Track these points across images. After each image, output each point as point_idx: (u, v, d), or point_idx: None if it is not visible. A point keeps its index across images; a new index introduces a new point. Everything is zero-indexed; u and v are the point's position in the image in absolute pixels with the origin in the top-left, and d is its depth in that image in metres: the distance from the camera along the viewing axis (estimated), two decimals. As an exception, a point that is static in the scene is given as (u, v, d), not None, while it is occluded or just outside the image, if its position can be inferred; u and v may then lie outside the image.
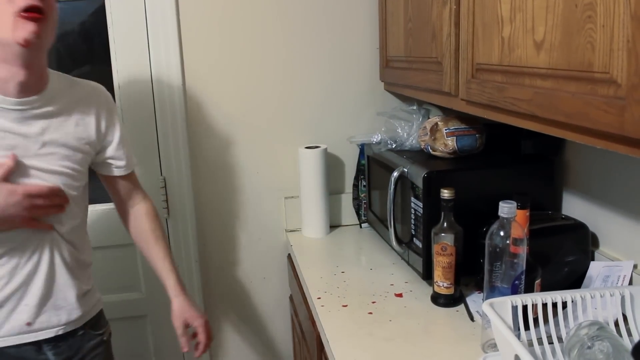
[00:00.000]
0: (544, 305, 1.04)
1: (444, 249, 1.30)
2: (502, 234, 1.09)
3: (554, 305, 1.05)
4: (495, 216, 1.10)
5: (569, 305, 1.06)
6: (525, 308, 1.03)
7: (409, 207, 1.47)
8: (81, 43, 1.88)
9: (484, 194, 1.31)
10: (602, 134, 0.78)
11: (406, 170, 1.48)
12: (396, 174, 1.50)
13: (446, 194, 1.28)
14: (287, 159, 1.94)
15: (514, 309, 1.03)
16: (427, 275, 1.43)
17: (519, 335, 1.01)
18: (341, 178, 2.01)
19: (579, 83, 0.82)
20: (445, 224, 1.29)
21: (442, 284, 1.33)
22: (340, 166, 1.99)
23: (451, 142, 1.50)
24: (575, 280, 1.30)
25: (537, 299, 1.04)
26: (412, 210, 1.45)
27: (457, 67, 1.26)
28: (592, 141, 0.82)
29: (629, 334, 1.04)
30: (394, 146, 1.68)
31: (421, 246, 1.42)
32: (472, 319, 1.28)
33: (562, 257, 1.31)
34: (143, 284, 1.95)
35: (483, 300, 1.13)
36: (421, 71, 1.49)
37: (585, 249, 1.34)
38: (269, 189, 1.96)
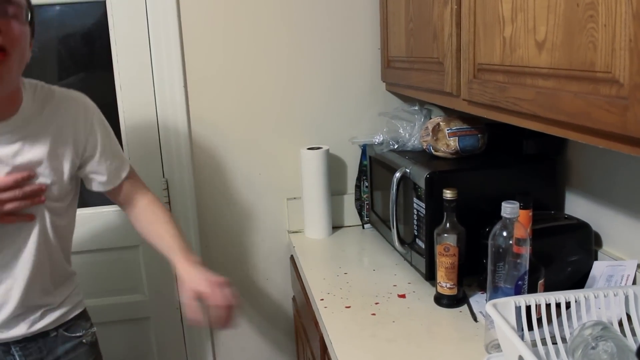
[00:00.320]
0: (548, 306, 1.04)
1: (446, 250, 1.29)
2: (505, 234, 1.08)
3: (558, 306, 1.05)
4: (498, 216, 1.09)
5: (573, 305, 1.06)
6: (528, 308, 1.03)
7: (411, 207, 1.47)
8: (82, 45, 1.88)
9: (486, 194, 1.31)
10: (604, 133, 0.78)
11: (408, 170, 1.48)
12: (398, 174, 1.50)
13: (448, 194, 1.28)
14: (289, 160, 1.94)
15: (518, 309, 1.02)
16: (430, 276, 1.42)
17: (523, 336, 1.01)
18: (343, 179, 2.00)
19: (581, 83, 0.82)
20: (448, 224, 1.29)
21: (445, 284, 1.33)
22: (342, 167, 1.99)
23: (453, 143, 1.50)
24: (579, 280, 1.29)
25: (541, 299, 1.04)
26: (415, 210, 1.45)
27: (458, 67, 1.26)
28: (595, 141, 0.82)
29: (633, 333, 1.04)
30: (396, 147, 1.67)
31: (424, 247, 1.42)
32: (475, 319, 1.28)
33: (565, 257, 1.31)
34: (146, 286, 1.95)
35: (486, 300, 1.12)
36: (423, 71, 1.49)
37: (589, 248, 1.34)
38: (271, 190, 1.96)
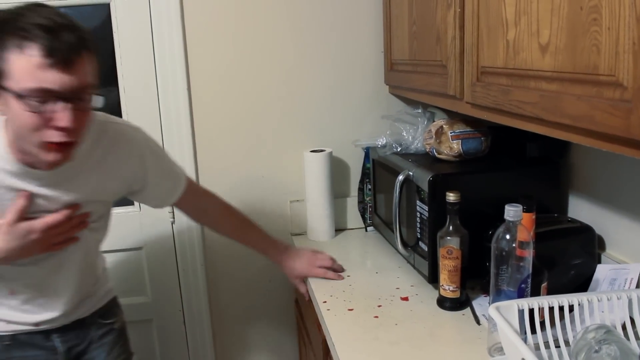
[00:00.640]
0: (551, 309, 1.04)
1: (449, 253, 1.29)
2: (508, 237, 1.08)
3: (561, 309, 1.04)
4: (501, 219, 1.09)
5: (576, 308, 1.06)
6: (531, 311, 1.03)
7: (414, 210, 1.47)
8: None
9: (489, 197, 1.31)
10: (608, 136, 0.78)
11: (411, 173, 1.48)
12: (401, 177, 1.50)
13: (452, 197, 1.27)
14: (292, 162, 1.94)
15: (521, 312, 1.02)
16: (433, 279, 1.42)
17: (526, 339, 1.00)
18: (346, 181, 2.01)
19: (584, 86, 0.82)
20: (451, 227, 1.29)
21: (448, 287, 1.33)
22: (345, 170, 1.99)
23: (456, 145, 1.50)
24: (582, 284, 1.29)
25: (544, 302, 1.04)
26: (418, 213, 1.45)
27: (462, 70, 1.26)
28: (598, 144, 0.82)
29: (637, 337, 1.04)
30: (399, 149, 1.67)
31: (427, 249, 1.42)
32: (478, 322, 1.28)
33: (568, 260, 1.30)
34: (149, 288, 1.95)
35: (489, 303, 1.12)
36: (426, 74, 1.49)
37: (592, 251, 1.34)
38: (274, 192, 1.97)
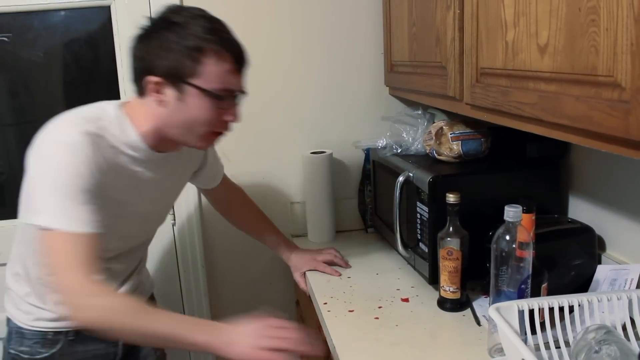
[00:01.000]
0: (551, 310, 1.04)
1: (449, 254, 1.29)
2: (508, 238, 1.08)
3: (561, 309, 1.05)
4: (501, 220, 1.09)
5: (576, 309, 1.06)
6: (531, 312, 1.03)
7: (414, 211, 1.47)
8: (87, 50, 1.89)
9: (489, 198, 1.31)
10: (606, 137, 0.78)
11: (412, 174, 1.48)
12: (402, 178, 1.50)
13: (452, 198, 1.28)
14: (292, 164, 1.95)
15: (521, 313, 1.02)
16: (433, 280, 1.42)
17: (526, 340, 1.01)
18: (347, 183, 2.01)
19: (583, 87, 0.82)
20: (451, 228, 1.29)
21: (449, 288, 1.33)
22: (345, 171, 2.00)
23: (456, 147, 1.50)
24: (582, 284, 1.29)
25: (544, 303, 1.04)
26: (418, 214, 1.45)
27: (461, 71, 1.26)
28: (597, 144, 0.82)
29: (637, 337, 1.04)
30: (399, 151, 1.68)
31: (427, 251, 1.42)
32: (478, 323, 1.28)
33: (568, 261, 1.30)
34: (150, 289, 1.95)
35: (489, 304, 1.12)
36: (426, 75, 1.49)
37: (592, 252, 1.34)
38: (274, 194, 1.97)
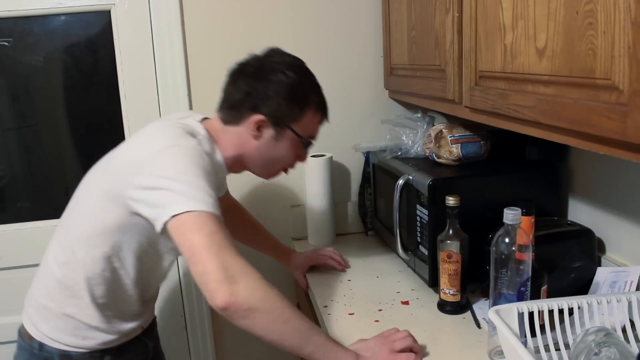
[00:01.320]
0: (551, 312, 1.04)
1: (449, 256, 1.30)
2: (507, 240, 1.08)
3: (561, 312, 1.05)
4: (501, 223, 1.10)
5: (576, 311, 1.06)
6: (531, 315, 1.03)
7: (414, 214, 1.47)
8: (87, 55, 1.90)
9: (489, 200, 1.31)
10: (605, 140, 0.78)
11: (411, 177, 1.49)
12: (401, 181, 1.50)
13: (451, 201, 1.28)
14: (292, 167, 1.95)
15: (520, 315, 1.02)
16: (433, 283, 1.42)
17: (526, 342, 1.01)
18: (347, 186, 2.01)
19: (581, 89, 0.83)
20: (451, 231, 1.29)
21: (449, 291, 1.33)
22: (345, 174, 2.00)
23: (456, 149, 1.50)
24: (582, 287, 1.29)
25: (544, 305, 1.04)
26: (418, 217, 1.45)
27: (460, 74, 1.26)
28: (595, 147, 0.82)
29: (637, 339, 1.04)
30: (399, 154, 1.68)
31: (427, 253, 1.42)
32: (478, 326, 1.28)
33: (568, 263, 1.30)
34: (150, 293, 1.95)
35: (489, 307, 1.12)
36: (425, 79, 1.50)
37: (592, 254, 1.34)
38: (275, 197, 1.97)
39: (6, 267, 1.88)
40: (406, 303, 1.42)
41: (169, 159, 1.08)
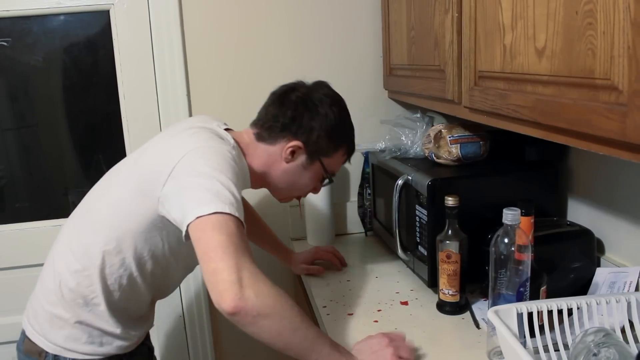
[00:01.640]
0: (550, 312, 1.04)
1: (448, 257, 1.29)
2: (506, 240, 1.08)
3: (560, 312, 1.04)
4: (500, 223, 1.09)
5: (575, 312, 1.06)
6: (530, 315, 1.03)
7: (413, 214, 1.47)
8: (86, 55, 1.90)
9: (488, 201, 1.31)
10: (604, 140, 0.78)
11: (410, 178, 1.49)
12: (400, 181, 1.50)
13: (450, 201, 1.28)
14: (291, 167, 1.94)
15: (519, 316, 1.02)
16: (433, 283, 1.42)
17: (525, 343, 1.01)
18: (346, 186, 2.01)
19: (580, 90, 0.82)
20: (450, 231, 1.29)
21: (448, 291, 1.33)
22: (344, 174, 2.00)
23: (455, 150, 1.50)
24: (581, 287, 1.29)
25: (543, 306, 1.04)
26: (417, 217, 1.45)
27: (459, 74, 1.26)
28: (595, 147, 0.82)
29: (636, 340, 1.04)
30: (398, 154, 1.68)
31: (426, 254, 1.42)
32: (477, 326, 1.28)
33: (567, 264, 1.30)
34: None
35: (488, 307, 1.12)
36: (424, 79, 1.50)
37: (591, 255, 1.34)
38: (273, 197, 1.96)
39: (5, 268, 1.88)
40: (405, 303, 1.42)
41: (200, 158, 1.08)
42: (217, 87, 1.87)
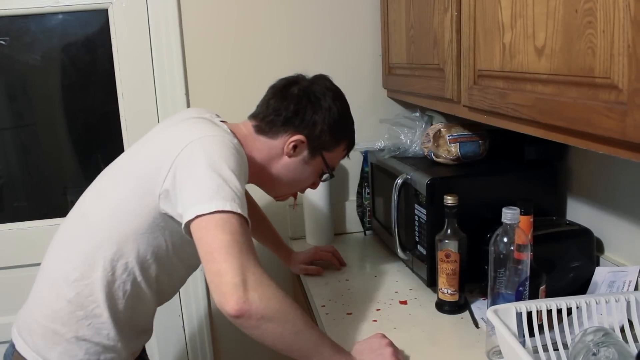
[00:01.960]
0: (549, 312, 1.04)
1: (448, 256, 1.29)
2: (505, 240, 1.08)
3: (559, 312, 1.04)
4: (499, 222, 1.09)
5: (574, 311, 1.06)
6: (529, 314, 1.03)
7: (412, 214, 1.47)
8: (85, 54, 1.89)
9: (487, 200, 1.31)
10: (604, 139, 0.78)
11: (409, 177, 1.48)
12: (399, 180, 1.50)
13: (450, 200, 1.27)
14: (290, 166, 1.94)
15: (519, 315, 1.02)
16: (432, 282, 1.42)
17: (524, 342, 1.00)
18: (345, 185, 2.00)
19: (580, 88, 0.82)
20: (449, 230, 1.29)
21: (447, 290, 1.32)
22: (343, 173, 1.99)
23: (454, 149, 1.50)
24: (581, 286, 1.29)
25: (542, 305, 1.04)
26: (416, 217, 1.45)
27: (459, 73, 1.26)
28: (594, 146, 0.82)
29: (635, 339, 1.04)
30: (397, 153, 1.67)
31: (425, 253, 1.42)
32: (476, 325, 1.27)
33: (567, 263, 1.30)
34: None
35: (487, 307, 1.12)
36: (423, 78, 1.49)
37: (590, 254, 1.34)
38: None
39: (4, 267, 1.87)
40: (404, 303, 1.42)
41: (202, 151, 1.04)
42: (216, 86, 1.87)
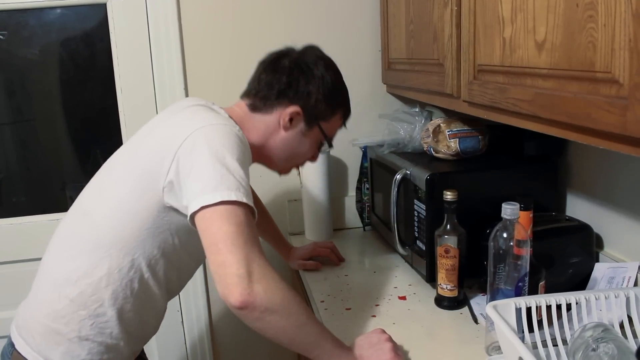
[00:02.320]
0: (548, 307, 1.03)
1: (447, 252, 1.29)
2: (505, 235, 1.08)
3: (559, 307, 1.04)
4: (499, 218, 1.09)
5: (574, 307, 1.05)
6: (529, 310, 1.02)
7: (412, 209, 1.46)
8: (83, 48, 1.89)
9: (487, 195, 1.30)
10: (604, 134, 0.78)
11: (409, 172, 1.48)
12: (399, 176, 1.50)
13: (449, 196, 1.27)
14: (290, 162, 1.94)
15: (518, 311, 1.02)
16: (431, 278, 1.42)
17: (523, 338, 1.00)
18: (344, 181, 2.00)
19: (580, 83, 0.82)
20: (449, 226, 1.29)
21: (446, 286, 1.32)
22: (343, 169, 1.99)
23: (454, 144, 1.50)
24: (580, 282, 1.29)
25: (541, 300, 1.03)
26: (415, 212, 1.45)
27: (458, 68, 1.25)
28: (595, 141, 0.81)
29: (634, 335, 1.03)
30: (396, 148, 1.67)
31: (424, 249, 1.42)
32: (476, 321, 1.27)
33: (566, 259, 1.30)
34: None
35: (487, 302, 1.12)
36: (423, 73, 1.49)
37: (590, 250, 1.34)
38: (272, 192, 1.96)
39: (3, 262, 1.87)
40: (403, 298, 1.42)
41: (204, 141, 1.02)
42: (215, 80, 1.86)
